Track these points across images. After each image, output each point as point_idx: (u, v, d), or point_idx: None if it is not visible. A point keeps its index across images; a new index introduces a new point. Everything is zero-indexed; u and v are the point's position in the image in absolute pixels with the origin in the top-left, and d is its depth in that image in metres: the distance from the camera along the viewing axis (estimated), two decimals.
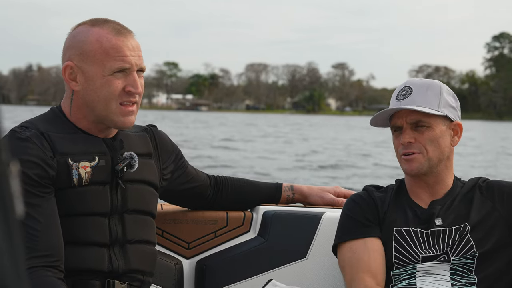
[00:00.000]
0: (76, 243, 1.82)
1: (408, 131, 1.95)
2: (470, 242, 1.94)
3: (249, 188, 2.29)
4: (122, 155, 1.89)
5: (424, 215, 1.98)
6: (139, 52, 1.89)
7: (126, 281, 1.88)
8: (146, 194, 1.94)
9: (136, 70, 1.87)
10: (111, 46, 1.84)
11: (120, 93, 1.85)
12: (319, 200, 2.34)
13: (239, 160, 19.50)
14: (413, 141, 1.95)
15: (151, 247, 1.96)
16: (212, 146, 25.09)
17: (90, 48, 1.84)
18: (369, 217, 2.00)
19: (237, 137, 32.38)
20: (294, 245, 2.23)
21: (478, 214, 1.97)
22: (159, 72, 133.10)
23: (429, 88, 1.97)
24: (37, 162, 1.77)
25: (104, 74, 1.84)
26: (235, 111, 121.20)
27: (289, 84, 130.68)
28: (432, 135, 1.95)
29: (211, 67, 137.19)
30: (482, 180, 2.06)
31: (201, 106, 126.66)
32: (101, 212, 1.85)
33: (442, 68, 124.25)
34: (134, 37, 1.90)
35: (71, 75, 1.87)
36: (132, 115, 1.87)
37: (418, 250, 1.95)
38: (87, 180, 1.82)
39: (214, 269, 2.21)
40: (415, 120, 1.95)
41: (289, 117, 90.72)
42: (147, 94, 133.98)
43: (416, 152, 1.95)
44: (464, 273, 1.92)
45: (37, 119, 1.89)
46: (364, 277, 1.92)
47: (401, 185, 2.06)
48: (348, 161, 20.71)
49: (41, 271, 1.71)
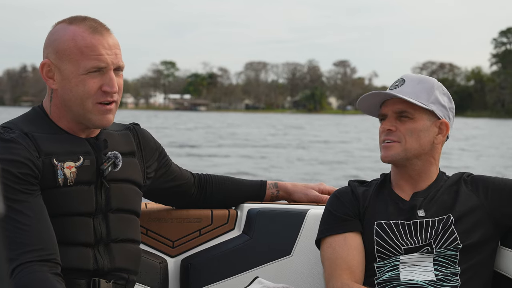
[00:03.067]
0: (61, 243, 1.84)
1: (391, 119, 2.03)
2: (454, 234, 1.99)
3: (233, 186, 2.34)
4: (106, 155, 1.92)
5: (406, 206, 2.03)
6: (117, 50, 1.89)
7: (111, 280, 1.91)
8: (130, 193, 1.98)
9: (114, 68, 1.88)
10: (86, 45, 1.85)
11: (96, 93, 1.87)
12: (303, 197, 2.39)
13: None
14: (393, 129, 2.02)
15: (136, 245, 2.00)
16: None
17: (66, 46, 1.87)
18: (349, 212, 2.06)
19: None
20: (279, 243, 2.28)
21: (463, 207, 2.03)
22: (156, 72, 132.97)
23: (421, 82, 2.03)
24: (23, 161, 1.79)
25: (79, 73, 1.86)
26: (234, 111, 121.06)
27: (289, 83, 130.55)
28: (413, 126, 2.01)
29: (209, 66, 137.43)
30: (467, 174, 2.12)
31: (200, 106, 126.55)
32: (86, 212, 1.88)
33: (447, 65, 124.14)
34: (112, 34, 1.91)
35: (49, 73, 1.90)
36: (109, 114, 1.89)
37: (399, 242, 2.00)
38: (72, 180, 1.85)
39: (199, 267, 2.26)
40: (400, 110, 2.01)
41: (314, 117, 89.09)
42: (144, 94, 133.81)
43: (395, 140, 2.01)
44: (448, 264, 1.98)
45: (19, 119, 1.92)
46: (342, 274, 1.99)
47: (385, 179, 2.12)
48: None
49: (36, 266, 1.72)
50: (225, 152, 24.81)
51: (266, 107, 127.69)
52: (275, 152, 24.82)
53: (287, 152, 24.96)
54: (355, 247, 2.02)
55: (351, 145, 29.90)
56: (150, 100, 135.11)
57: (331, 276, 2.01)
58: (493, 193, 2.04)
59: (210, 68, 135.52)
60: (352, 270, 1.99)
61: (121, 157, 1.94)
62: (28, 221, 1.75)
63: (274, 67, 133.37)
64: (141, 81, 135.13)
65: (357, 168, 19.39)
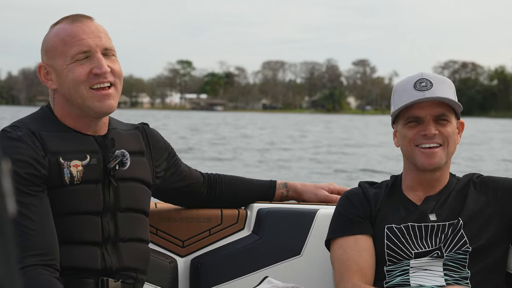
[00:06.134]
0: (69, 242, 1.88)
1: (431, 123, 2.00)
2: (464, 237, 2.00)
3: (243, 186, 2.36)
4: (114, 153, 1.95)
5: (418, 211, 2.04)
6: (100, 34, 1.92)
7: (120, 279, 1.94)
8: (138, 192, 2.01)
9: (102, 52, 1.91)
10: (67, 34, 1.91)
11: (88, 77, 1.89)
12: (313, 197, 2.41)
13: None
14: (437, 132, 2.00)
15: (144, 245, 2.03)
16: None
17: (51, 43, 1.93)
18: (361, 214, 2.07)
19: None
20: (289, 242, 2.31)
21: (472, 210, 2.03)
22: (172, 71, 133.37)
23: (445, 82, 2.03)
24: (29, 161, 1.83)
25: (66, 63, 1.90)
26: (251, 111, 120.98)
27: (307, 82, 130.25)
28: (451, 130, 2.01)
29: (226, 65, 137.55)
30: (476, 176, 2.12)
31: (217, 106, 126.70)
32: (94, 210, 1.91)
33: (469, 64, 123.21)
34: (94, 21, 1.94)
35: (47, 75, 1.95)
36: (109, 99, 1.91)
37: (410, 246, 2.01)
38: (79, 178, 1.88)
39: (208, 267, 2.29)
40: (440, 113, 2.00)
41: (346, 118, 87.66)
42: (160, 94, 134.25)
43: (440, 143, 2.00)
44: (457, 268, 1.99)
45: (28, 118, 1.96)
46: (353, 275, 2.00)
47: (396, 182, 2.12)
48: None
49: (38, 269, 1.76)
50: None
51: (283, 107, 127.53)
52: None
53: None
54: (366, 249, 2.03)
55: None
56: (166, 100, 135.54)
57: (342, 277, 2.02)
58: (503, 194, 2.05)
59: (227, 67, 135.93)
60: (363, 272, 2.00)
61: (129, 156, 1.96)
62: (33, 225, 1.79)
63: (292, 66, 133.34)
64: (157, 80, 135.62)
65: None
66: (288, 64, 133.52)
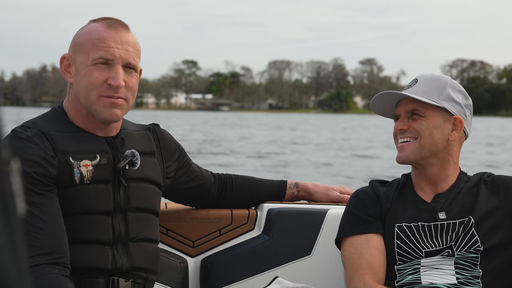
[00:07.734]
0: (79, 242, 1.90)
1: (403, 118, 2.07)
2: (475, 236, 2.01)
3: (254, 186, 2.38)
4: (124, 153, 1.97)
5: (427, 209, 2.05)
6: (129, 47, 1.94)
7: (130, 279, 1.96)
8: (149, 192, 2.03)
9: (123, 65, 1.93)
10: (98, 37, 1.93)
11: (101, 86, 1.92)
12: (324, 197, 2.42)
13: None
14: (406, 127, 2.06)
15: (154, 245, 2.05)
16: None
17: (81, 39, 1.96)
18: (371, 213, 2.09)
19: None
20: (299, 242, 2.32)
21: (484, 208, 2.04)
22: (177, 71, 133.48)
23: (433, 81, 2.07)
24: (38, 161, 1.85)
25: (87, 63, 1.93)
26: (257, 111, 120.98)
27: (313, 82, 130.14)
28: (425, 124, 2.04)
29: (231, 65, 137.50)
30: (488, 175, 2.13)
31: (222, 106, 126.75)
32: (104, 210, 1.93)
33: (478, 62, 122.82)
34: (129, 32, 1.96)
35: (68, 68, 1.98)
36: (116, 108, 1.93)
37: (420, 245, 2.03)
38: (88, 178, 1.90)
39: (219, 267, 2.30)
40: (411, 109, 2.06)
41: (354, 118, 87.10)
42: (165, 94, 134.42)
43: (410, 137, 2.05)
44: (469, 267, 2.00)
45: (38, 118, 1.98)
46: (364, 274, 2.01)
47: (407, 180, 2.14)
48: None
49: (47, 268, 1.78)
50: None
51: (290, 106, 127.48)
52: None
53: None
54: (377, 248, 2.05)
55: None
56: (172, 100, 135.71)
57: (353, 276, 2.03)
58: None
59: (232, 67, 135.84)
60: (375, 270, 2.02)
61: (140, 156, 1.98)
62: (41, 224, 1.81)
63: (298, 65, 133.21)
64: (162, 80, 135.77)
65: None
66: (294, 63, 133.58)
